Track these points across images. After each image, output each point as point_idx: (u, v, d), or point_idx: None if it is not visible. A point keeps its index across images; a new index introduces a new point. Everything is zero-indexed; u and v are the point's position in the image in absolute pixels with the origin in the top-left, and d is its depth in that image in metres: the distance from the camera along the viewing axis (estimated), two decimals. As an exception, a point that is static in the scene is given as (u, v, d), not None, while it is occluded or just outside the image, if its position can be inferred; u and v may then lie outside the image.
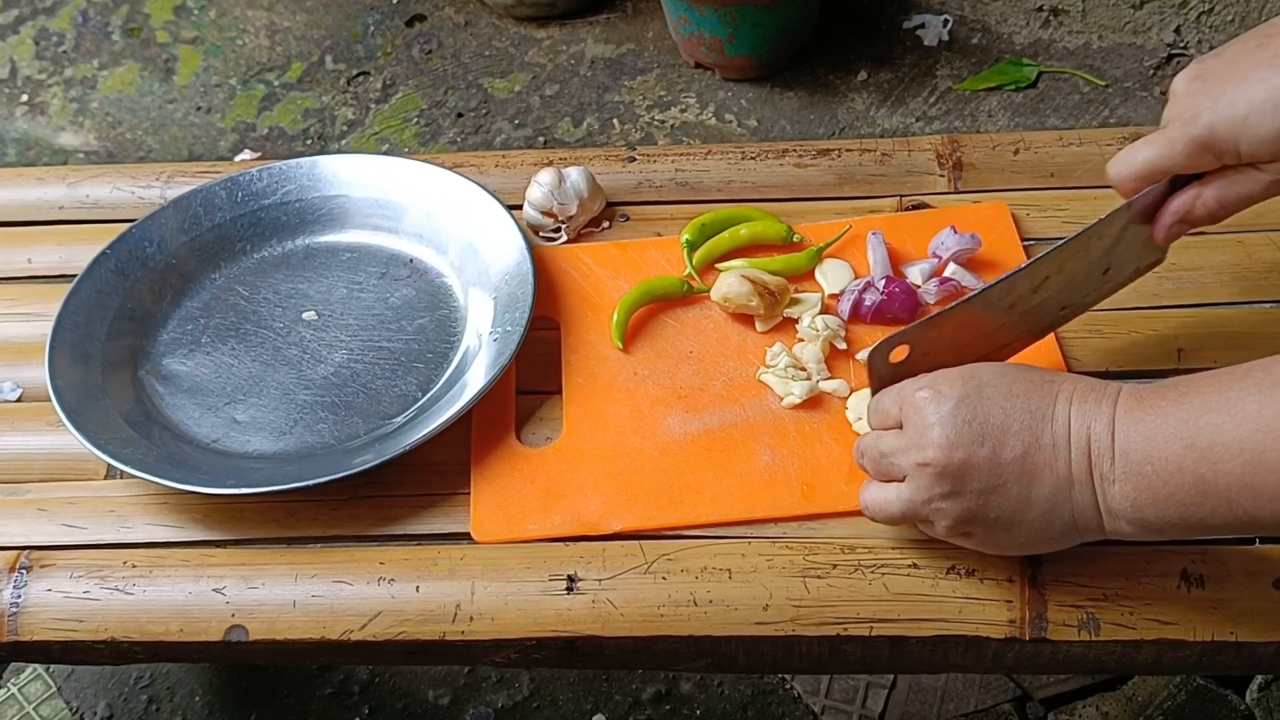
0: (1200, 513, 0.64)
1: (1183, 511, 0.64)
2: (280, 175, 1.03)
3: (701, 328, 0.91)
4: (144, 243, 0.98)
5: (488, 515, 0.82)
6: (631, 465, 0.83)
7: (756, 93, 1.90)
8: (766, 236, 0.95)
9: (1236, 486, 0.62)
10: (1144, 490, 0.65)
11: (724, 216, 0.96)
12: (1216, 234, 0.93)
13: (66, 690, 1.47)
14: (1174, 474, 0.64)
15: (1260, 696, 1.34)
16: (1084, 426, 0.67)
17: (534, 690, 1.43)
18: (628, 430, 0.85)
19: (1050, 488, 0.68)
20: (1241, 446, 0.61)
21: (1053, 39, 1.90)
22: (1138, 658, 0.76)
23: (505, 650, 0.78)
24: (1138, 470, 0.65)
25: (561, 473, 0.83)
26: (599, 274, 0.95)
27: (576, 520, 0.81)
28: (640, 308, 0.92)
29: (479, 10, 2.10)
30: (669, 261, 0.95)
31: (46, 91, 2.10)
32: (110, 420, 0.87)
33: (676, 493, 0.81)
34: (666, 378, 0.88)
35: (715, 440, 0.84)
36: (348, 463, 0.82)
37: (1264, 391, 0.62)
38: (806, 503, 0.80)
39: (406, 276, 0.98)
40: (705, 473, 0.82)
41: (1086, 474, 0.67)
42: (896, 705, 1.39)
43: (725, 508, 0.80)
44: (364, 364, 0.92)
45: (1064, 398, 0.68)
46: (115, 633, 0.80)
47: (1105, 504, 0.67)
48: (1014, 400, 0.68)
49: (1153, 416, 0.65)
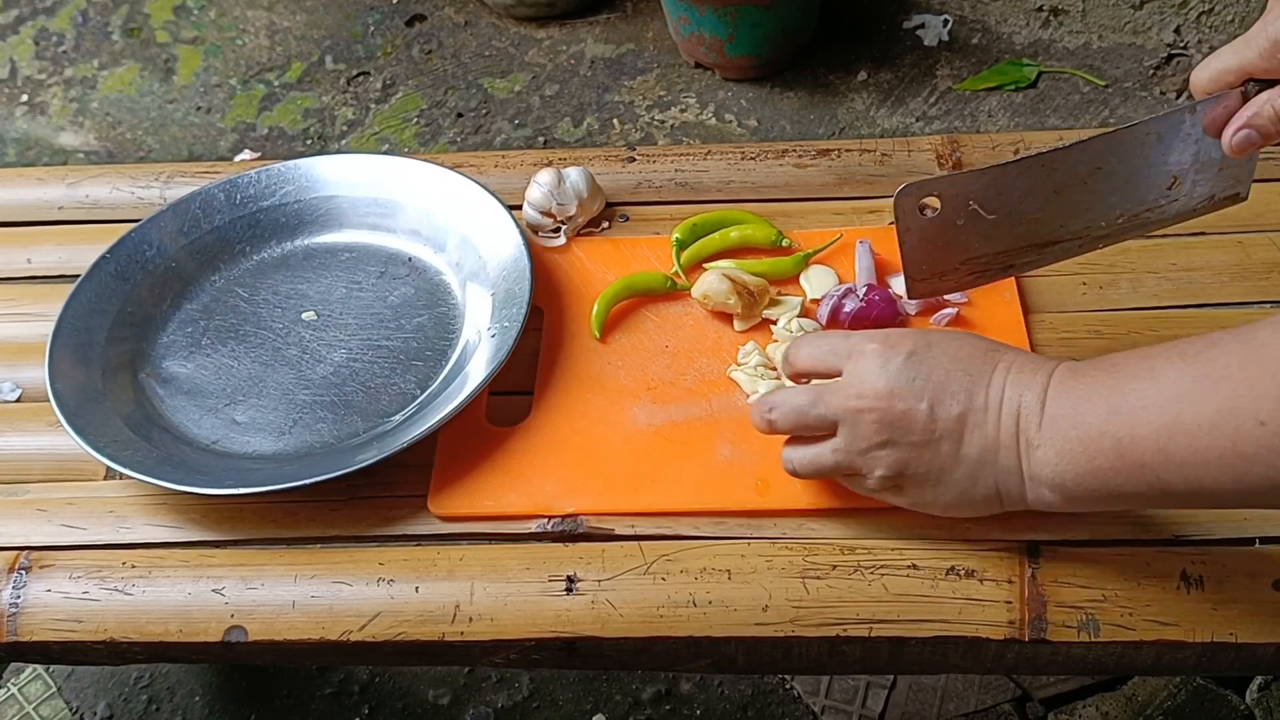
0: (1117, 479, 0.65)
1: (1100, 478, 0.66)
2: (278, 177, 1.03)
3: (680, 323, 0.92)
4: (143, 246, 0.98)
5: (446, 489, 0.83)
6: (593, 450, 0.84)
7: (756, 93, 1.90)
8: (756, 240, 0.96)
9: (1151, 451, 0.63)
10: (1066, 455, 0.66)
11: (716, 218, 0.97)
12: (1216, 234, 0.93)
13: (66, 690, 1.47)
14: (1095, 439, 0.65)
15: (1260, 696, 1.34)
16: (1017, 394, 0.69)
17: (534, 690, 1.43)
18: (594, 417, 0.86)
19: (977, 449, 0.70)
20: (1160, 410, 0.62)
21: (1053, 39, 1.90)
22: (1137, 659, 0.76)
23: (504, 651, 0.78)
24: (1063, 435, 0.66)
25: (524, 453, 0.84)
26: (589, 267, 0.96)
27: (532, 500, 0.82)
28: (622, 301, 0.93)
29: (479, 10, 2.10)
30: (659, 259, 0.96)
31: (46, 91, 2.10)
32: (110, 423, 0.87)
33: (633, 480, 0.82)
34: (639, 369, 0.89)
35: (678, 432, 0.85)
36: (347, 461, 0.82)
37: (1186, 359, 0.63)
38: (760, 498, 0.81)
39: (405, 275, 0.98)
40: (664, 462, 0.83)
41: (1013, 439, 0.68)
42: (896, 705, 1.39)
43: (678, 497, 0.81)
44: (363, 363, 0.92)
45: (1004, 366, 0.70)
46: (114, 633, 0.80)
47: (1029, 469, 0.68)
48: (957, 363, 0.70)
49: (1084, 385, 0.66)
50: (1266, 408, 0.59)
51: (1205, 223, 0.93)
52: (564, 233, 0.98)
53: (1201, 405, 0.61)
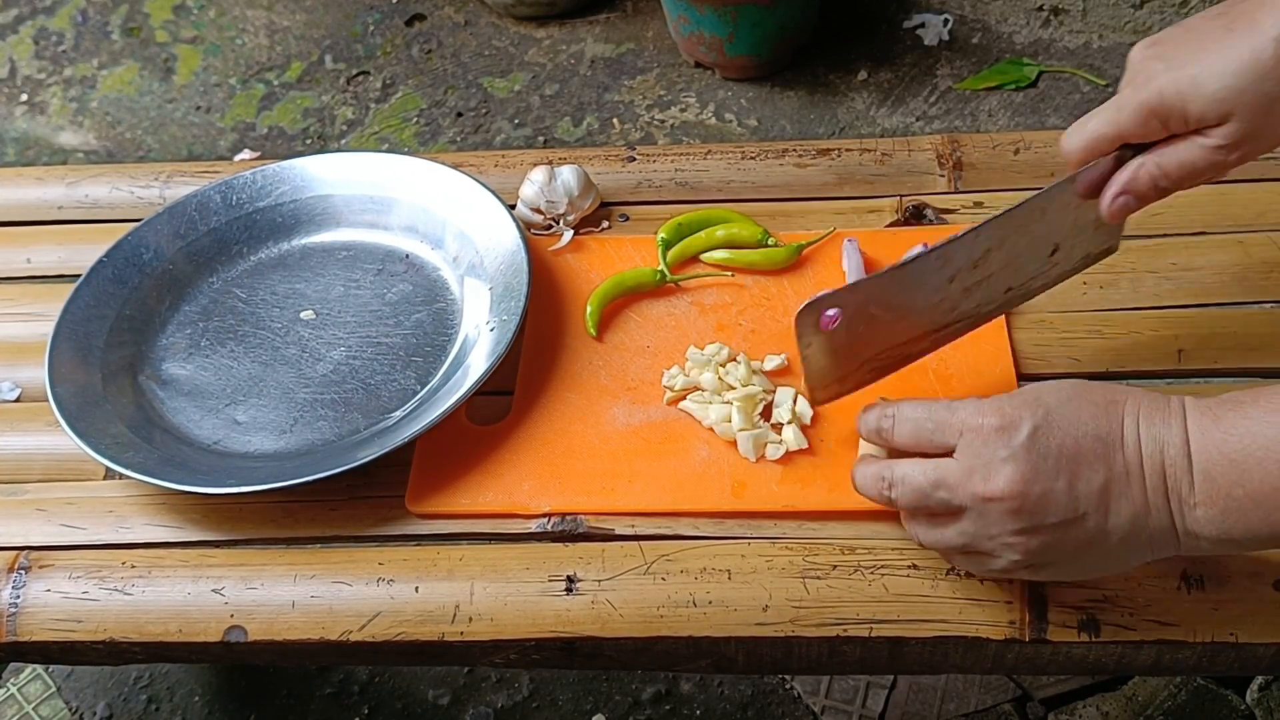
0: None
1: (1276, 529, 0.63)
2: (273, 177, 1.03)
3: (663, 324, 0.92)
4: (140, 249, 0.98)
5: (424, 487, 0.83)
6: (569, 450, 0.84)
7: (756, 92, 1.90)
8: (742, 238, 0.96)
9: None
10: (1233, 513, 0.63)
11: (701, 217, 0.97)
12: (1217, 234, 0.93)
13: (66, 690, 1.47)
14: (1269, 495, 0.62)
15: (1260, 696, 1.34)
16: (1156, 450, 0.65)
17: (534, 690, 1.43)
18: (572, 417, 0.86)
19: (1127, 517, 0.65)
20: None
21: (1053, 39, 1.90)
22: (1138, 659, 0.75)
23: (504, 651, 0.78)
24: (1226, 494, 0.63)
25: (501, 452, 0.85)
26: (572, 266, 0.96)
27: (508, 499, 0.82)
28: (613, 300, 0.93)
29: (479, 10, 2.10)
30: (644, 259, 0.96)
31: (46, 91, 2.10)
32: (112, 426, 0.87)
33: (609, 480, 0.82)
34: (620, 369, 0.89)
35: (655, 432, 0.85)
36: (350, 458, 0.82)
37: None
38: (735, 500, 0.81)
39: (403, 272, 0.98)
40: (640, 463, 0.83)
41: (1164, 500, 0.65)
42: (896, 705, 1.39)
43: (653, 498, 0.81)
44: (363, 360, 0.92)
45: (1130, 419, 0.66)
46: (114, 633, 0.80)
47: (1184, 526, 0.65)
48: (1083, 426, 0.66)
49: (1236, 438, 0.63)
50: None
51: (1206, 222, 0.94)
52: (563, 228, 0.98)
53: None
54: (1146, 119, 0.70)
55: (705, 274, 0.95)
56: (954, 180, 1.00)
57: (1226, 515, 0.63)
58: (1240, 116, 0.68)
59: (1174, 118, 0.69)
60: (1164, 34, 0.72)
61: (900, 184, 1.00)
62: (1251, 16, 0.67)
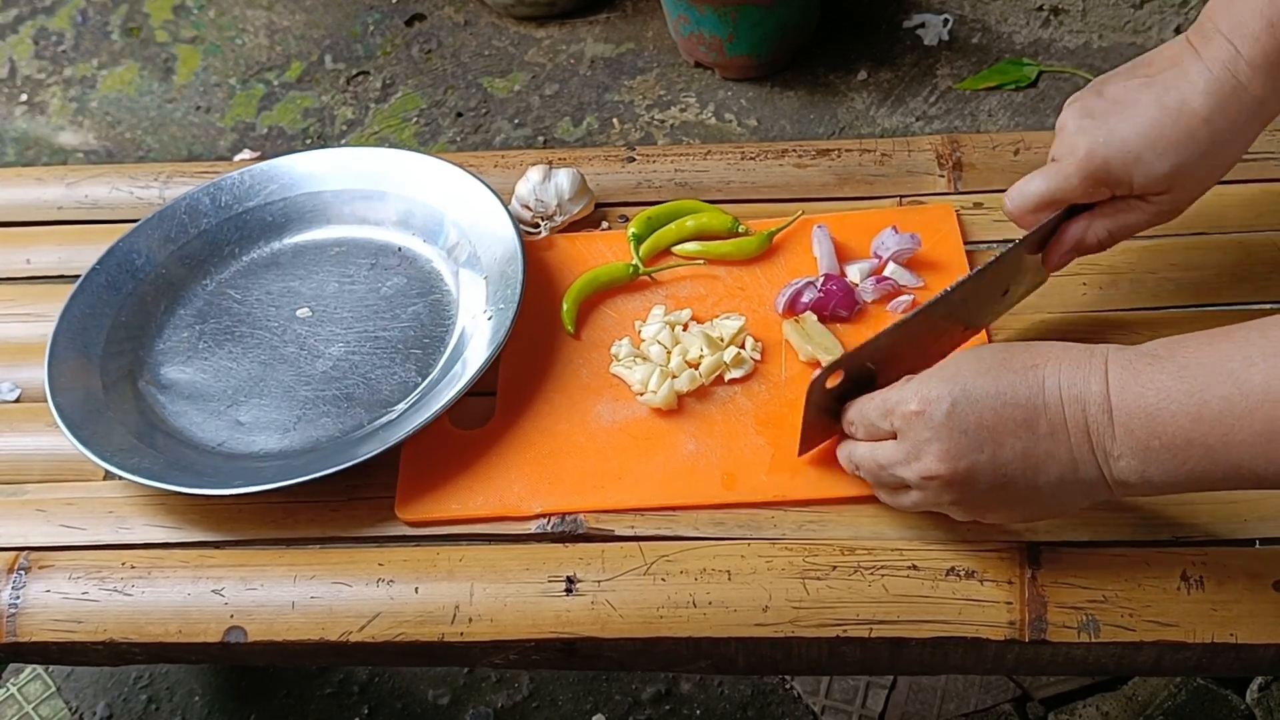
0: (1212, 476, 0.65)
1: (1192, 476, 0.66)
2: (262, 176, 1.03)
3: (640, 318, 0.92)
4: (132, 255, 0.98)
5: (413, 494, 0.83)
6: (557, 450, 0.84)
7: (756, 92, 1.90)
8: (712, 228, 0.96)
9: (1248, 455, 0.63)
10: (1152, 462, 0.66)
11: (670, 210, 0.97)
12: (1217, 234, 0.93)
13: (66, 690, 1.47)
14: (1183, 446, 0.65)
15: (1260, 696, 1.34)
16: (1079, 409, 0.67)
17: (534, 690, 1.43)
18: (557, 416, 0.86)
19: (1056, 474, 0.69)
20: (1252, 417, 0.62)
21: (1053, 38, 1.90)
22: (1137, 659, 0.75)
23: (504, 651, 0.78)
24: (1144, 444, 0.66)
25: (489, 456, 0.85)
26: (546, 265, 0.96)
27: (499, 502, 0.82)
28: (588, 295, 0.93)
29: (478, 10, 2.10)
30: (615, 254, 0.96)
31: (46, 91, 2.10)
32: (114, 432, 0.87)
33: (599, 478, 0.83)
34: (600, 366, 0.89)
35: (641, 428, 0.85)
36: (355, 453, 0.82)
37: (1268, 360, 0.63)
38: (726, 492, 0.81)
39: (396, 265, 0.98)
40: (629, 459, 0.83)
41: (1089, 454, 0.68)
42: (896, 705, 1.39)
43: (645, 494, 0.82)
44: (362, 355, 0.92)
45: (1051, 380, 0.68)
46: (114, 634, 0.80)
47: (1113, 476, 0.68)
48: (1002, 395, 0.69)
49: (1153, 391, 0.65)
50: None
51: (1206, 223, 0.94)
52: (544, 229, 0.98)
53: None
54: (1095, 187, 0.78)
55: (678, 264, 0.95)
56: (954, 180, 1.00)
57: (1147, 465, 0.66)
58: (1181, 187, 0.78)
59: (1120, 186, 0.78)
60: (1090, 103, 0.79)
61: (900, 184, 1.00)
62: (1178, 92, 0.76)
